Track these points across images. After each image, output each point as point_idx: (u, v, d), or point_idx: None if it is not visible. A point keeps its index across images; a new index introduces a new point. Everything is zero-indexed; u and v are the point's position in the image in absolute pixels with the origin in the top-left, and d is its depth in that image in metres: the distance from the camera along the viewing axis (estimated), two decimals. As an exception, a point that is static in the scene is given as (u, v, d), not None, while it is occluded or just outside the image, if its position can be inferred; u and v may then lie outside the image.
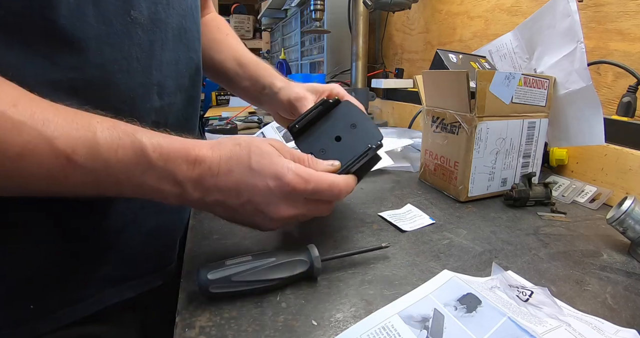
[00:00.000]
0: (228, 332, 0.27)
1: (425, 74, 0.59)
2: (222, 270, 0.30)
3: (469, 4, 0.94)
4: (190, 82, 0.43)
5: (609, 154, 0.54)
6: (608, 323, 0.28)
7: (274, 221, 0.33)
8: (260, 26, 2.73)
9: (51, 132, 0.25)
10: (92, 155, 0.26)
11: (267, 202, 0.32)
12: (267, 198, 0.31)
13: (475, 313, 0.27)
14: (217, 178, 0.31)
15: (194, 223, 0.45)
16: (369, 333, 0.26)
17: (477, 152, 0.51)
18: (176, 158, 0.29)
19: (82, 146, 0.26)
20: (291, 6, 1.76)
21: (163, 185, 0.29)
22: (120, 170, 0.28)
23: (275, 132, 0.77)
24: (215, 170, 0.31)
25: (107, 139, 0.27)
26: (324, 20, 1.32)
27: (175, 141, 0.30)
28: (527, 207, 0.51)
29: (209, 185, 0.31)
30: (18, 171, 0.25)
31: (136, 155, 0.28)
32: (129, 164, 0.28)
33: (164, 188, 0.30)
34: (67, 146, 0.25)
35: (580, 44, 0.51)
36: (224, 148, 0.31)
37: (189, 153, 0.30)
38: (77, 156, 0.26)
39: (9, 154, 0.24)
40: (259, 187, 0.31)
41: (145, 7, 0.34)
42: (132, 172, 0.28)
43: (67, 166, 0.26)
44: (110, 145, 0.27)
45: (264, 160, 0.31)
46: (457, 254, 0.38)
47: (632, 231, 0.38)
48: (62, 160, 0.25)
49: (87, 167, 0.26)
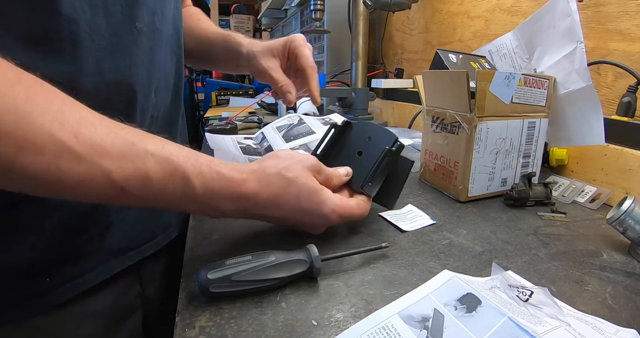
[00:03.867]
0: (228, 332, 0.27)
1: (425, 74, 0.59)
2: (222, 270, 0.30)
3: (469, 4, 0.94)
4: (176, 80, 0.48)
5: (609, 154, 0.54)
6: (608, 323, 0.28)
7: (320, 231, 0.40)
8: (260, 26, 2.73)
9: (108, 165, 0.27)
10: (144, 188, 0.29)
11: (310, 228, 0.39)
12: (311, 227, 0.39)
13: (475, 313, 0.27)
14: (263, 211, 0.35)
15: (194, 223, 0.45)
16: (369, 333, 0.26)
17: (477, 152, 0.50)
18: (222, 194, 0.32)
19: (135, 179, 0.28)
20: (291, 6, 1.76)
21: (207, 211, 0.34)
22: (167, 201, 0.31)
23: (275, 132, 0.77)
24: (261, 206, 0.34)
25: (158, 173, 0.29)
26: (324, 20, 1.32)
27: (222, 178, 0.32)
28: (527, 207, 0.51)
29: (255, 214, 0.35)
30: (76, 196, 0.28)
31: (184, 191, 0.31)
32: (176, 198, 0.31)
33: (208, 213, 0.34)
34: (122, 178, 0.28)
35: (580, 44, 0.51)
36: (272, 184, 0.35)
37: (234, 190, 0.33)
38: (130, 188, 0.28)
39: (67, 183, 0.26)
40: (305, 222, 0.37)
41: (147, 18, 0.39)
42: (179, 202, 0.31)
43: (121, 195, 0.28)
44: (161, 180, 0.29)
45: (312, 201, 0.36)
46: (457, 254, 0.38)
47: (632, 231, 0.38)
48: (117, 190, 0.28)
49: (140, 197, 0.29)
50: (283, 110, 1.09)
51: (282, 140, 0.73)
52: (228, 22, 3.05)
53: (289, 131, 0.76)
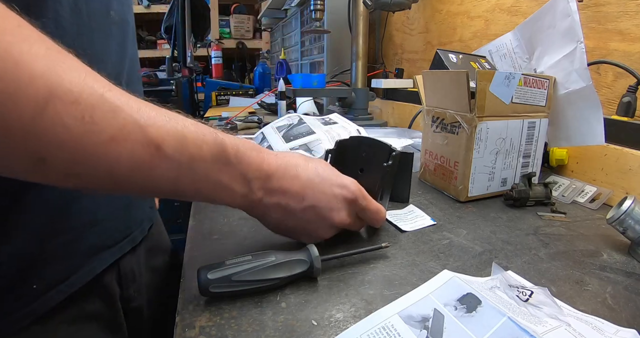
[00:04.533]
0: (228, 332, 0.27)
1: (425, 74, 0.59)
2: (222, 270, 0.30)
3: (469, 4, 0.94)
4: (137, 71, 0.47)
5: (609, 154, 0.54)
6: (608, 323, 0.28)
7: (331, 228, 0.36)
8: (260, 26, 2.73)
9: (145, 120, 0.25)
10: (180, 148, 0.27)
11: (331, 208, 0.35)
12: (332, 203, 0.34)
13: (475, 313, 0.27)
14: (284, 181, 0.33)
15: (194, 223, 0.45)
16: (369, 333, 0.26)
17: (477, 152, 0.50)
18: (250, 158, 0.32)
19: (172, 137, 0.27)
20: (291, 6, 1.76)
21: (234, 184, 0.31)
22: (201, 166, 0.29)
23: (275, 132, 0.76)
24: (281, 173, 0.33)
25: (193, 133, 0.28)
26: (324, 20, 1.31)
27: (247, 143, 0.32)
28: (527, 207, 0.51)
29: (275, 187, 0.33)
30: (107, 156, 0.25)
31: (218, 151, 0.29)
32: (210, 161, 0.29)
33: (235, 187, 0.31)
34: (158, 135, 0.26)
35: (580, 44, 0.51)
36: (289, 156, 0.35)
37: (258, 155, 0.32)
38: (166, 147, 0.26)
39: (102, 137, 0.24)
40: (326, 193, 0.34)
41: (118, 7, 0.38)
42: (212, 169, 0.29)
43: (155, 156, 0.26)
44: (196, 140, 0.28)
45: (330, 171, 0.35)
46: (457, 254, 0.38)
47: (632, 231, 0.38)
48: (152, 149, 0.26)
49: (174, 159, 0.27)
50: (283, 110, 1.09)
51: (282, 140, 0.73)
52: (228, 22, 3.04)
53: (289, 131, 0.75)
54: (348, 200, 0.35)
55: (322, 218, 0.35)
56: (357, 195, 0.36)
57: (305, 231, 0.36)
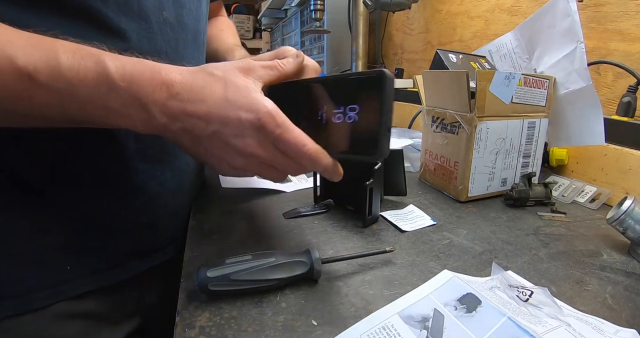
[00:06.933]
0: (228, 332, 0.27)
1: (425, 74, 0.59)
2: (221, 269, 0.30)
3: (469, 4, 0.94)
4: None
5: (609, 154, 0.54)
6: (608, 323, 0.28)
7: (238, 158, 0.31)
8: (260, 26, 2.73)
9: (13, 51, 0.25)
10: (54, 75, 0.26)
11: (235, 134, 0.30)
12: (237, 130, 0.30)
13: (475, 313, 0.27)
14: (187, 105, 0.29)
15: (194, 223, 0.45)
16: (369, 333, 0.26)
17: (477, 152, 0.50)
18: (141, 80, 0.28)
19: (44, 66, 0.26)
20: (291, 6, 1.76)
21: (128, 109, 0.29)
22: (83, 91, 0.27)
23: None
24: (184, 96, 0.29)
25: (69, 59, 0.27)
26: (324, 20, 1.31)
27: (142, 63, 0.29)
28: (527, 207, 0.51)
29: (177, 111, 0.29)
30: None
31: (99, 75, 0.27)
32: (91, 85, 0.27)
33: (130, 112, 0.29)
34: (28, 64, 0.25)
35: (580, 44, 0.51)
36: (196, 76, 0.30)
37: (155, 76, 0.29)
38: (39, 75, 0.26)
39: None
40: (230, 118, 0.29)
41: (173, 9, 0.40)
42: (95, 93, 0.27)
43: (31, 85, 0.26)
44: (71, 66, 0.27)
45: (240, 93, 0.30)
46: (457, 254, 0.38)
47: (632, 231, 0.38)
48: (24, 79, 0.26)
49: (50, 86, 0.26)
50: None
51: None
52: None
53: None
54: (255, 126, 0.29)
55: (228, 145, 0.30)
56: (264, 121, 0.29)
57: (218, 159, 0.32)
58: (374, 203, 0.44)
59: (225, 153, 0.31)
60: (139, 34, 0.36)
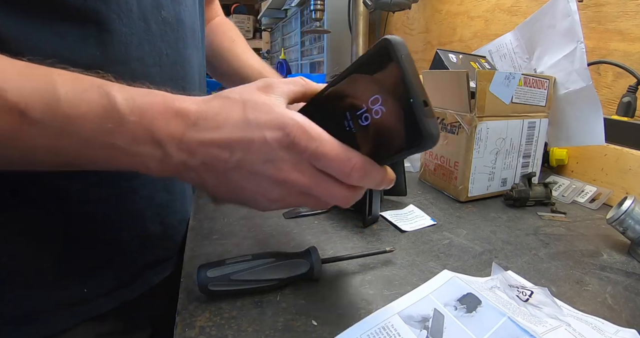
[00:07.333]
0: (228, 332, 0.27)
1: (425, 74, 0.59)
2: (221, 269, 0.30)
3: (469, 4, 0.94)
4: (200, 77, 0.46)
5: (609, 154, 0.54)
6: (608, 323, 0.28)
7: (273, 188, 0.26)
8: (260, 26, 2.73)
9: (3, 83, 0.22)
10: (50, 111, 0.23)
11: (264, 160, 0.25)
12: (264, 154, 0.25)
13: (475, 313, 0.27)
14: (203, 134, 0.25)
15: (194, 224, 0.45)
16: (369, 333, 0.26)
17: (477, 152, 0.50)
18: (153, 112, 0.25)
19: (38, 100, 0.22)
20: (291, 6, 1.76)
21: (139, 146, 0.25)
22: (84, 129, 0.23)
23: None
24: (201, 126, 0.25)
25: (68, 92, 0.23)
26: (324, 20, 1.31)
27: (152, 94, 0.26)
28: (527, 207, 0.51)
29: (195, 143, 0.25)
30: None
31: (104, 109, 0.23)
32: (94, 121, 0.23)
33: (141, 151, 0.25)
34: (19, 99, 0.22)
35: (580, 44, 0.51)
36: (211, 103, 0.26)
37: (168, 107, 0.25)
38: (32, 111, 0.22)
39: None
40: (254, 141, 0.25)
41: (172, 8, 0.38)
42: (100, 130, 0.24)
43: (22, 122, 0.22)
44: (72, 99, 0.23)
45: (261, 111, 0.25)
46: (457, 254, 0.38)
47: (632, 231, 0.38)
48: (14, 115, 0.22)
49: (45, 124, 0.23)
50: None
51: None
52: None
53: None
54: (284, 145, 0.24)
55: (257, 173, 0.26)
56: (294, 136, 0.24)
57: (251, 194, 0.27)
58: (374, 203, 0.44)
59: (257, 185, 0.26)
60: (140, 37, 0.35)
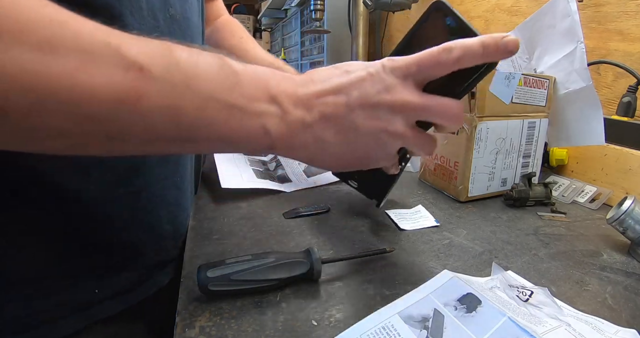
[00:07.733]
0: (228, 332, 0.27)
1: (425, 74, 0.59)
2: (221, 268, 0.30)
3: (469, 4, 0.94)
4: None
5: (609, 154, 0.54)
6: (608, 323, 0.28)
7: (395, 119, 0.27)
8: (260, 26, 2.73)
9: (120, 41, 0.20)
10: (170, 67, 0.22)
11: (378, 90, 0.27)
12: (376, 84, 0.27)
13: (475, 313, 0.27)
14: (315, 87, 0.27)
15: (194, 223, 0.45)
16: (369, 333, 0.26)
17: (477, 152, 0.51)
18: (264, 72, 0.26)
19: (157, 57, 0.21)
20: (291, 6, 1.76)
21: (258, 103, 0.24)
22: (204, 86, 0.23)
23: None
24: (307, 81, 0.27)
25: (184, 52, 0.23)
26: (324, 20, 1.31)
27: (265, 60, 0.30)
28: (527, 207, 0.51)
29: (310, 96, 0.26)
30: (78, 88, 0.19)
31: (221, 68, 0.24)
32: (213, 79, 0.23)
33: (260, 108, 0.25)
34: (138, 56, 0.21)
35: (580, 44, 0.51)
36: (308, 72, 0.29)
37: (274, 71, 0.27)
38: (152, 67, 0.21)
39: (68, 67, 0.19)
40: (364, 78, 0.27)
41: (179, 5, 0.38)
42: (219, 87, 0.23)
43: (141, 80, 0.21)
44: (189, 58, 0.23)
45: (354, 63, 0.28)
46: (457, 254, 0.38)
47: (632, 231, 0.38)
48: (134, 72, 0.20)
49: (166, 80, 0.21)
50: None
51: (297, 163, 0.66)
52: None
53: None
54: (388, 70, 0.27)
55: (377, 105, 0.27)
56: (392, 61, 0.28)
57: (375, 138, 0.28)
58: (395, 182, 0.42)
59: (379, 120, 0.27)
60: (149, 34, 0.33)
